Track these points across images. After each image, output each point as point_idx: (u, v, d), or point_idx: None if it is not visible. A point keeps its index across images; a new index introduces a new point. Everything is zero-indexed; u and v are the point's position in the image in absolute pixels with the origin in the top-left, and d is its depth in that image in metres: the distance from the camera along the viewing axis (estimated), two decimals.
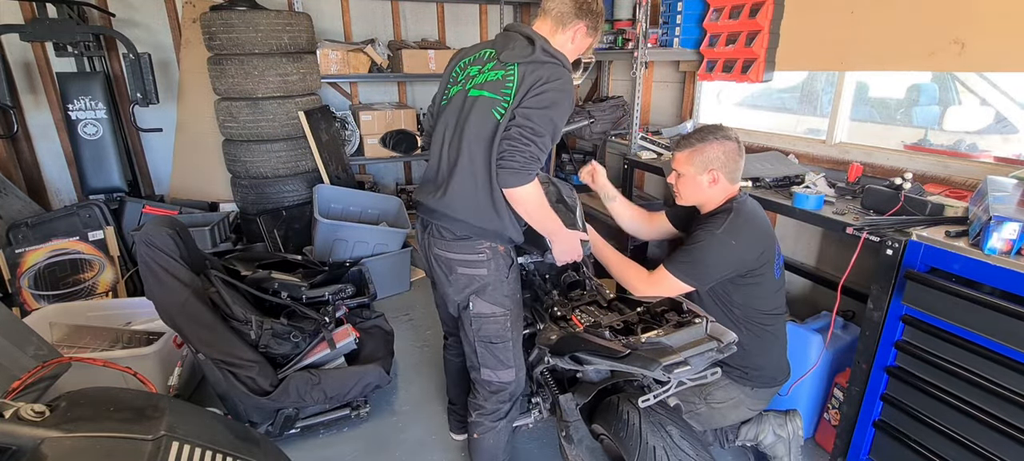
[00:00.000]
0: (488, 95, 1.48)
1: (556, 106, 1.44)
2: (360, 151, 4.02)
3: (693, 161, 1.70)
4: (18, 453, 0.97)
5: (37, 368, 1.51)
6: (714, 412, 1.81)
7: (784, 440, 1.85)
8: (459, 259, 1.57)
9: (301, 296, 2.21)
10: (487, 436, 1.71)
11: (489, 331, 1.61)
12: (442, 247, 1.59)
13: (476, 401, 1.71)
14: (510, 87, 1.46)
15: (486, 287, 1.58)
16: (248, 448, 1.23)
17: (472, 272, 1.57)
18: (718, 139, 1.67)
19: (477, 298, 1.58)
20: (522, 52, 1.48)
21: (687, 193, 1.77)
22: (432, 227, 1.61)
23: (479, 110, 1.48)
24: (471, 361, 1.69)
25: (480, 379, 1.67)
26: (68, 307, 2.56)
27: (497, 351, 1.62)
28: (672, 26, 3.02)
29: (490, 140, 1.46)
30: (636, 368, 1.22)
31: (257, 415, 1.99)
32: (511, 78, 1.47)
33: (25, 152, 3.57)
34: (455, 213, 1.53)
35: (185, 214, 3.36)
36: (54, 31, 3.06)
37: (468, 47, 1.65)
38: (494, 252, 1.57)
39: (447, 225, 1.56)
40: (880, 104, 2.61)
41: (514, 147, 1.41)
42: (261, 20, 3.18)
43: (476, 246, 1.55)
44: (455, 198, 1.52)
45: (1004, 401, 1.42)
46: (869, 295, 1.70)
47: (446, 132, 1.56)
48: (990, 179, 1.59)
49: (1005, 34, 1.80)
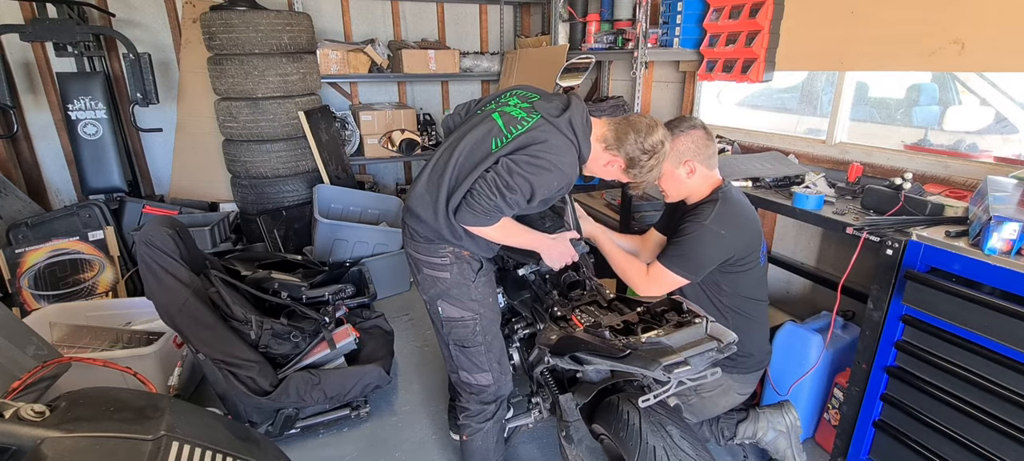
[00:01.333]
0: (500, 124, 1.48)
1: (542, 174, 1.40)
2: (360, 151, 4.02)
3: (667, 158, 1.70)
4: (18, 453, 0.97)
5: (37, 368, 1.51)
6: (705, 401, 1.83)
7: (784, 434, 1.86)
8: (424, 260, 1.59)
9: (301, 296, 2.21)
10: (476, 438, 1.71)
11: (459, 335, 1.61)
12: (412, 246, 1.61)
13: (461, 403, 1.72)
14: (517, 131, 1.45)
15: (450, 290, 1.58)
16: (248, 448, 1.23)
17: (435, 274, 1.58)
18: (684, 130, 1.69)
19: (443, 301, 1.59)
20: (552, 111, 1.47)
21: (671, 189, 1.80)
22: (406, 227, 1.64)
23: (485, 127, 1.48)
24: (448, 363, 1.70)
25: (459, 381, 1.68)
26: (68, 307, 2.56)
27: (470, 354, 1.63)
28: (672, 26, 3.02)
29: (475, 163, 1.44)
30: (636, 368, 1.22)
31: (257, 415, 1.99)
32: (525, 124, 1.46)
33: (25, 152, 3.57)
34: (419, 212, 1.54)
35: (185, 214, 3.36)
36: (54, 31, 3.06)
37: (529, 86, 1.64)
38: (457, 256, 1.57)
39: (413, 224, 1.58)
40: (880, 104, 2.61)
41: (482, 192, 1.39)
42: (261, 20, 3.18)
43: (439, 249, 1.56)
44: (421, 198, 1.53)
45: (1004, 401, 1.42)
46: (869, 295, 1.70)
47: (453, 136, 1.57)
48: (990, 179, 1.59)
49: (1005, 34, 1.80)
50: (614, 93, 4.14)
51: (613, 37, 3.59)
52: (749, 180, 2.26)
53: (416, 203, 1.54)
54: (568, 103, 1.50)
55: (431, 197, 1.51)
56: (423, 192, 1.53)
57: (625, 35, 3.50)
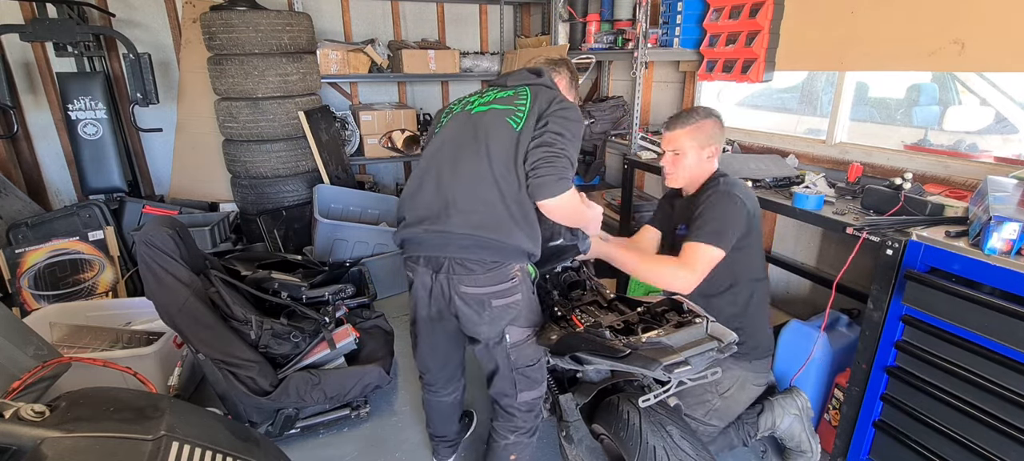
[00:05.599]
0: (500, 108, 1.46)
1: (575, 123, 1.43)
2: (360, 151, 4.02)
3: (696, 137, 1.76)
4: (18, 453, 0.97)
5: (37, 368, 1.51)
6: (728, 401, 1.84)
7: (798, 417, 1.89)
8: (494, 291, 1.44)
9: (301, 296, 2.21)
10: (525, 452, 1.68)
11: (525, 355, 1.54)
12: (471, 282, 1.43)
13: (512, 423, 1.63)
14: (523, 105, 1.44)
15: (522, 312, 1.50)
16: (248, 448, 1.23)
17: (508, 301, 1.46)
18: (711, 116, 1.79)
19: (512, 327, 1.50)
20: (530, 78, 1.50)
21: (683, 172, 1.82)
22: (449, 264, 1.44)
23: (493, 120, 1.44)
24: (504, 390, 1.59)
25: (514, 404, 1.60)
26: (68, 307, 2.56)
27: (531, 372, 1.57)
28: (672, 26, 3.02)
29: (510, 149, 1.39)
30: (636, 368, 1.22)
31: (257, 415, 1.99)
32: (523, 96, 1.46)
33: (25, 152, 3.57)
34: (479, 231, 1.39)
35: (185, 214, 3.36)
36: (54, 31, 3.05)
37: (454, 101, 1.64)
38: (523, 274, 1.49)
39: (472, 255, 1.42)
40: (880, 104, 2.61)
41: (552, 154, 1.35)
42: (261, 20, 3.18)
43: (508, 272, 1.44)
44: (475, 217, 1.39)
45: (1004, 401, 1.42)
46: (869, 295, 1.71)
47: (443, 160, 1.47)
48: (990, 179, 1.59)
49: (1005, 34, 1.80)
50: (614, 93, 4.14)
51: (613, 37, 3.59)
52: (749, 180, 2.26)
53: (473, 221, 1.39)
54: (533, 70, 1.56)
55: (493, 207, 1.39)
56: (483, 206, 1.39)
57: (625, 35, 3.50)
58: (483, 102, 1.51)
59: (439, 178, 1.46)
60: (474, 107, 1.51)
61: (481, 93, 1.57)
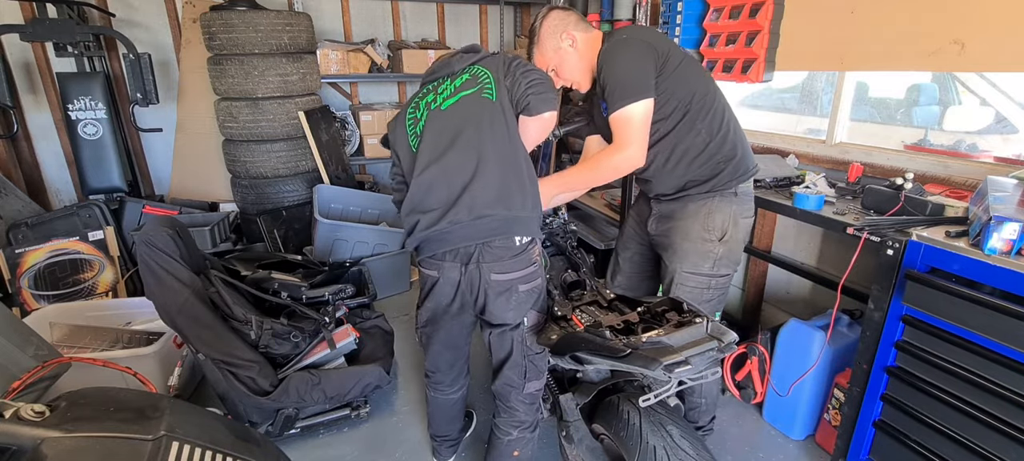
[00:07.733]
0: (468, 92, 1.49)
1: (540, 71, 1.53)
2: (360, 151, 4.02)
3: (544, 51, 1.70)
4: (18, 453, 0.96)
5: (37, 368, 1.51)
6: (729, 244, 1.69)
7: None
8: (520, 275, 1.50)
9: (301, 296, 2.21)
10: (527, 448, 1.70)
11: (534, 342, 1.57)
12: (501, 269, 1.48)
13: (515, 418, 1.66)
14: (485, 78, 1.49)
15: (540, 298, 1.58)
16: (248, 448, 1.23)
17: (532, 284, 1.54)
18: (540, 20, 1.68)
19: (532, 311, 1.56)
20: (472, 57, 1.55)
21: (573, 73, 1.71)
22: (479, 251, 1.48)
23: (472, 104, 1.48)
24: (511, 380, 1.62)
25: (520, 395, 1.64)
26: (68, 307, 2.56)
27: (538, 361, 1.61)
28: (672, 26, 3.02)
29: (499, 119, 1.46)
30: (636, 368, 1.21)
31: (257, 415, 1.99)
32: (480, 74, 1.51)
33: (25, 152, 3.57)
34: (497, 208, 1.44)
35: (185, 214, 3.36)
36: (54, 31, 3.06)
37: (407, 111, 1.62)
38: (541, 255, 1.58)
39: (499, 238, 1.47)
40: (880, 104, 2.61)
41: (542, 83, 1.47)
42: (261, 20, 3.18)
43: (531, 255, 1.53)
44: (491, 193, 1.44)
45: (1004, 401, 1.42)
46: (869, 295, 1.70)
47: (445, 157, 1.47)
48: (990, 179, 1.58)
49: (1005, 34, 1.80)
50: None
51: None
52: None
53: (497, 204, 1.44)
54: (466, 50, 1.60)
55: (504, 180, 1.46)
56: (493, 184, 1.44)
57: None
58: (447, 96, 1.52)
59: (446, 174, 1.47)
60: (442, 103, 1.52)
61: (435, 90, 1.56)
